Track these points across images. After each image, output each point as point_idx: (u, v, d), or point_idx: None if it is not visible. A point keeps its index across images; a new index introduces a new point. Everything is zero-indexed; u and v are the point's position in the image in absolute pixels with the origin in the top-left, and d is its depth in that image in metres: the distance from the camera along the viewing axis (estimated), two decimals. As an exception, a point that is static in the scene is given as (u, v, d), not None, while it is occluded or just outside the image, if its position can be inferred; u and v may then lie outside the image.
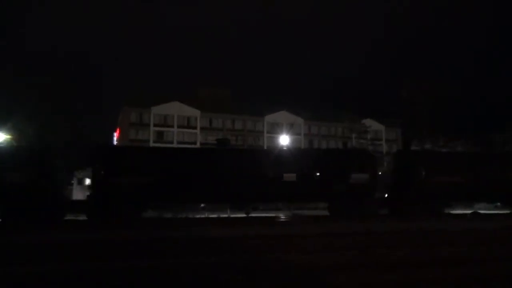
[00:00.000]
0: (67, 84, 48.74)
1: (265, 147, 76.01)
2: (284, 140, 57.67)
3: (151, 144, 69.82)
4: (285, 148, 40.40)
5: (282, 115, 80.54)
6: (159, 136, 72.44)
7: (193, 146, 68.82)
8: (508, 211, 26.19)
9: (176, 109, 74.63)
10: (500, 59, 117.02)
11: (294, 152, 28.14)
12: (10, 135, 38.59)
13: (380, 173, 24.23)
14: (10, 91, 42.20)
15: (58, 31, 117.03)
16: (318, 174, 23.61)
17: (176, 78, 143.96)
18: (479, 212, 26.65)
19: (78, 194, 37.49)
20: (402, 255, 9.09)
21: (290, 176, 22.86)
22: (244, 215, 24.51)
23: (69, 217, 22.13)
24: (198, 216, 24.40)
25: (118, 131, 73.79)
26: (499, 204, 29.93)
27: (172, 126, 74.34)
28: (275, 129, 77.54)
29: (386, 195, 26.09)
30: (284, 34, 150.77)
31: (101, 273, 7.25)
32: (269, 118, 79.89)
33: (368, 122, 70.36)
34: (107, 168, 21.70)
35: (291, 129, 76.86)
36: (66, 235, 13.36)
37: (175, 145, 70.04)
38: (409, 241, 11.52)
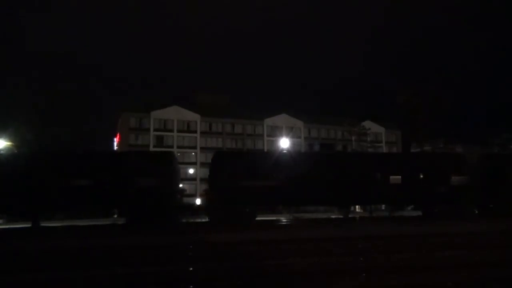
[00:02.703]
0: (66, 88, 48.91)
1: (265, 151, 76.11)
2: (284, 143, 57.67)
3: (151, 148, 69.78)
4: (390, 152, 42.15)
5: (282, 118, 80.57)
6: (159, 140, 72.38)
7: (193, 150, 68.82)
8: None
9: (176, 113, 74.63)
10: (501, 60, 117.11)
11: (398, 156, 29.25)
12: (10, 141, 38.64)
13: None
14: (10, 96, 42.39)
15: (58, 32, 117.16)
16: (421, 176, 24.56)
17: (176, 82, 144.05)
18: None
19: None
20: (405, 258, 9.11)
21: (396, 179, 23.73)
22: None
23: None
24: (198, 220, 24.43)
25: (118, 136, 73.78)
26: None
27: (172, 131, 74.29)
28: (275, 132, 77.55)
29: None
30: (283, 37, 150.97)
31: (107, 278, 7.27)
32: (269, 121, 79.90)
33: (368, 124, 70.35)
34: (229, 173, 22.49)
35: (291, 132, 76.88)
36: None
37: (175, 149, 70.01)
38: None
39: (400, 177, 23.99)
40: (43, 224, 22.99)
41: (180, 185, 27.52)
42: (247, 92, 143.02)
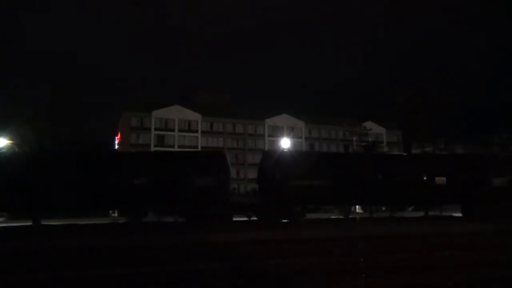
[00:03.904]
0: (67, 88, 49.09)
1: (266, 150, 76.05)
2: (285, 143, 57.64)
3: (152, 148, 69.77)
4: (435, 154, 42.79)
5: (283, 118, 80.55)
6: (160, 140, 72.39)
7: (195, 149, 68.69)
8: None
9: (177, 113, 74.65)
10: (501, 60, 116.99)
11: (442, 157, 30.03)
12: (11, 140, 38.68)
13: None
14: (10, 96, 42.51)
15: (58, 32, 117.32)
16: (464, 178, 25.08)
17: (176, 82, 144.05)
18: None
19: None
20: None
21: (441, 180, 24.35)
22: (245, 219, 24.57)
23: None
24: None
25: (119, 135, 73.83)
26: None
27: (173, 130, 74.31)
28: (276, 132, 77.55)
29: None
30: (283, 37, 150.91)
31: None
32: (270, 121, 79.90)
33: (369, 125, 70.29)
34: (279, 172, 23.07)
35: (292, 132, 76.89)
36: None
37: (176, 149, 69.98)
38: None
39: (445, 178, 24.55)
40: (44, 222, 23.01)
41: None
42: (247, 92, 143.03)
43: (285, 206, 22.57)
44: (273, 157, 25.51)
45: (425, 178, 24.91)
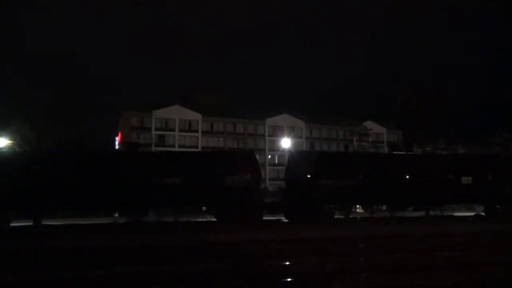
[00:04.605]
0: (67, 88, 49.10)
1: (267, 150, 76.25)
2: (286, 143, 57.66)
3: (153, 148, 69.76)
4: (462, 153, 43.07)
5: (283, 118, 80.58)
6: (160, 139, 72.40)
7: (196, 149, 68.74)
8: None
9: (177, 112, 74.69)
10: (501, 60, 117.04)
11: (469, 157, 30.46)
12: (11, 140, 38.66)
13: None
14: (10, 96, 42.45)
15: (58, 32, 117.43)
16: (489, 177, 25.27)
17: (176, 82, 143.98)
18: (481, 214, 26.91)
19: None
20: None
21: (466, 179, 24.53)
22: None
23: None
24: (199, 219, 24.47)
25: (119, 135, 73.86)
26: None
27: (174, 130, 74.36)
28: (276, 132, 77.57)
29: None
30: (283, 37, 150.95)
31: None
32: (270, 121, 79.95)
33: (369, 124, 70.25)
34: (307, 171, 23.02)
35: (292, 132, 76.92)
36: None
37: (176, 148, 70.03)
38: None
39: (470, 178, 24.71)
40: (45, 222, 22.99)
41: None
42: (247, 92, 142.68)
43: (314, 206, 22.58)
44: (302, 156, 25.57)
45: (451, 177, 25.05)
